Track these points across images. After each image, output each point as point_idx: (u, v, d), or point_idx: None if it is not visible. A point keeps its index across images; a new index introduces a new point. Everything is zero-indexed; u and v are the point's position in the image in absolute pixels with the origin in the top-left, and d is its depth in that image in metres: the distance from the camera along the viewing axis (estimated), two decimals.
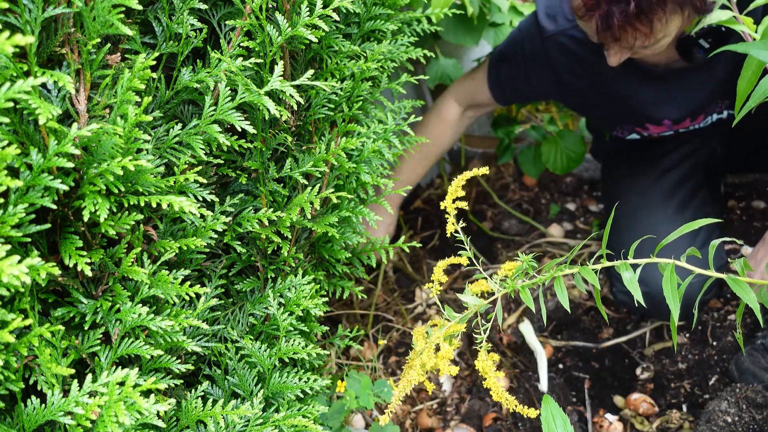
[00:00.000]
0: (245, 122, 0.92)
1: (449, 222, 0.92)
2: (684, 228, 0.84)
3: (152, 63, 0.81)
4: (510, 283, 0.89)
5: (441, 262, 0.94)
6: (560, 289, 0.86)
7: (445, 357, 0.85)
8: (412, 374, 0.85)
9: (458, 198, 0.92)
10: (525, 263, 0.88)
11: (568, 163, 2.04)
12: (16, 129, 0.75)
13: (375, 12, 1.22)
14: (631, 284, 0.84)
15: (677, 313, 0.81)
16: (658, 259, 0.84)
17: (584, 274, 0.86)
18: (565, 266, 0.88)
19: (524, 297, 0.86)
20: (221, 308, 1.10)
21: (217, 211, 1.01)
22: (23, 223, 0.75)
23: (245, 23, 0.96)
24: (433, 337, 0.87)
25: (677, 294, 0.81)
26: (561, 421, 0.95)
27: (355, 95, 1.18)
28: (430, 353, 0.85)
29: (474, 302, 0.89)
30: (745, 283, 0.79)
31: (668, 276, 0.82)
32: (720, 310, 1.70)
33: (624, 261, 0.85)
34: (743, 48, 0.79)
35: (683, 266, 0.83)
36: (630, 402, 1.52)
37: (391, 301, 1.87)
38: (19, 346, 0.74)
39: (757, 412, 1.37)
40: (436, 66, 1.94)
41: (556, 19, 1.55)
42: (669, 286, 0.81)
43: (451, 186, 0.92)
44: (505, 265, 0.92)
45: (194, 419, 0.91)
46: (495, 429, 1.48)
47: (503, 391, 0.86)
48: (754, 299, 0.78)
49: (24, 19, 0.75)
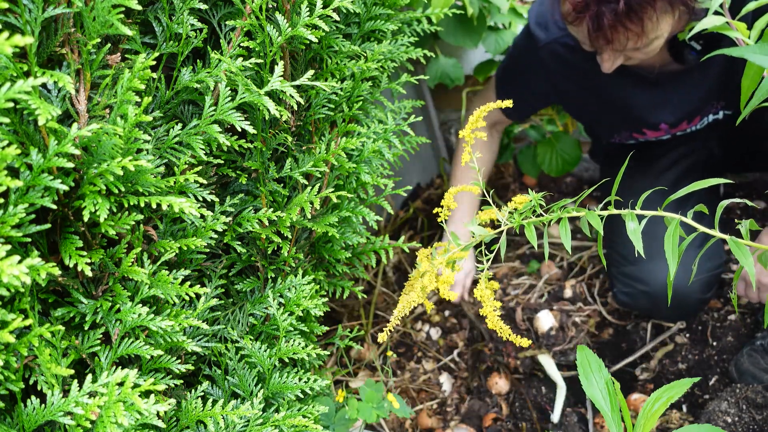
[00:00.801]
0: (245, 122, 0.92)
1: (465, 151, 0.92)
2: (695, 185, 0.84)
3: (152, 63, 0.81)
4: (516, 218, 0.89)
5: (452, 188, 0.94)
6: (564, 230, 0.86)
7: (446, 281, 0.85)
8: (412, 295, 0.85)
9: (477, 129, 0.92)
10: (534, 201, 0.89)
11: (563, 166, 2.05)
12: (17, 129, 0.75)
13: (375, 12, 1.22)
14: (634, 234, 0.84)
15: (675, 269, 0.81)
16: (665, 213, 0.84)
17: (589, 218, 0.86)
18: (571, 208, 0.88)
19: (528, 233, 0.86)
20: (221, 308, 1.10)
21: (217, 211, 1.01)
22: (23, 223, 0.75)
23: (245, 23, 0.96)
24: (437, 260, 0.87)
25: (677, 251, 0.81)
26: (596, 365, 0.96)
27: (355, 95, 1.18)
28: (432, 276, 0.85)
29: (480, 231, 0.89)
30: (745, 246, 0.79)
31: (672, 231, 0.81)
32: (720, 310, 1.70)
33: (630, 210, 0.85)
34: (739, 52, 0.80)
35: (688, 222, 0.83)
36: (630, 402, 1.52)
37: (391, 301, 1.87)
38: (19, 346, 0.74)
39: (757, 412, 1.37)
40: (436, 66, 1.94)
41: (547, 27, 1.55)
42: (671, 242, 0.81)
43: (472, 116, 0.91)
44: (516, 198, 0.92)
45: (194, 419, 0.91)
46: (495, 429, 1.48)
47: (498, 319, 0.86)
48: (751, 263, 0.78)
49: (24, 19, 0.75)
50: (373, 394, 1.24)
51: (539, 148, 2.06)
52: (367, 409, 1.22)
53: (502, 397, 1.58)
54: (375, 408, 1.23)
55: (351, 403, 1.22)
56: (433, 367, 1.70)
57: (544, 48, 1.56)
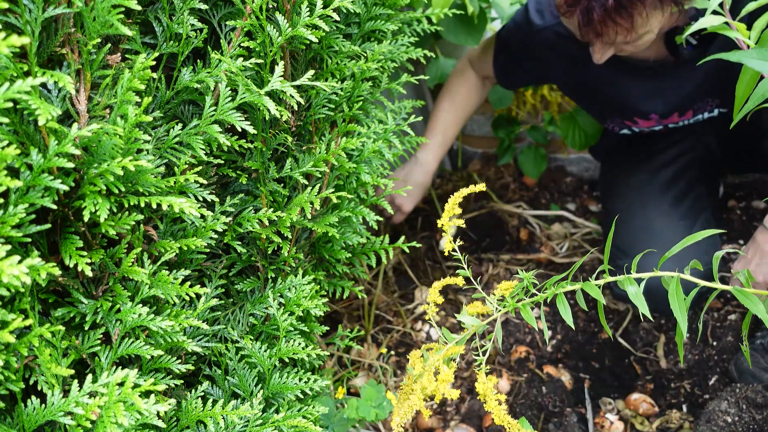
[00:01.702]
0: (245, 122, 0.92)
1: (447, 240, 0.91)
2: (688, 239, 0.84)
3: (152, 63, 0.81)
4: (510, 301, 0.87)
5: (436, 283, 0.93)
6: (563, 307, 0.85)
7: (445, 380, 0.83)
8: (413, 399, 0.83)
9: (455, 216, 0.92)
10: (526, 281, 0.87)
11: (585, 140, 2.04)
12: (17, 129, 0.75)
13: (375, 12, 1.22)
14: (637, 298, 0.83)
15: (685, 326, 0.80)
16: (662, 272, 0.84)
17: (587, 290, 0.85)
18: (566, 282, 0.87)
19: (525, 315, 0.85)
20: (221, 308, 1.10)
21: (217, 211, 1.01)
22: (23, 223, 0.75)
23: (245, 23, 0.96)
24: (432, 360, 0.85)
25: (684, 306, 0.80)
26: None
27: (356, 95, 1.18)
28: (430, 377, 0.83)
29: (472, 323, 0.88)
30: (753, 295, 0.79)
31: (674, 290, 0.81)
32: (720, 310, 1.70)
33: (627, 276, 0.85)
34: (737, 57, 0.79)
35: (687, 279, 0.83)
36: (630, 402, 1.52)
37: (390, 301, 1.87)
38: (19, 346, 0.74)
39: (757, 412, 1.37)
40: (436, 66, 1.94)
41: (543, 14, 1.58)
42: (676, 300, 0.81)
43: (448, 204, 0.91)
44: (501, 285, 0.91)
45: (194, 419, 0.91)
46: (495, 429, 1.48)
47: (505, 414, 0.84)
48: (764, 310, 0.77)
49: (24, 20, 0.75)
50: (373, 393, 1.24)
51: (561, 123, 2.06)
52: (366, 408, 1.22)
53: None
54: (374, 407, 1.23)
55: (350, 402, 1.22)
56: None
57: (539, 33, 1.58)
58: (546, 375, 1.60)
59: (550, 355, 1.69)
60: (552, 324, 1.76)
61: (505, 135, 2.17)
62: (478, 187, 0.93)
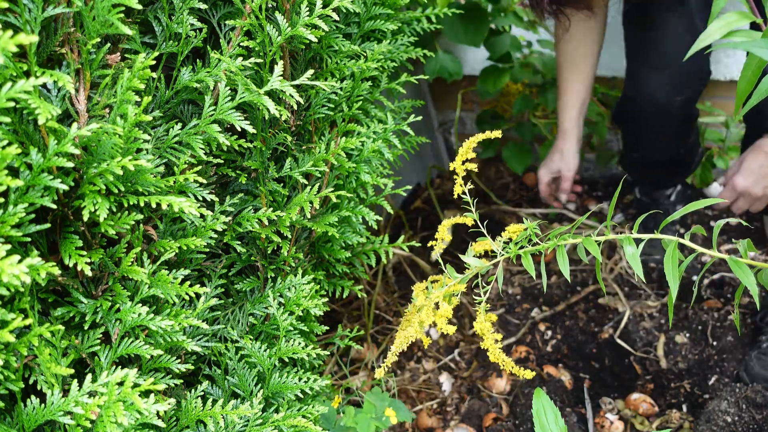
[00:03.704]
0: (245, 122, 0.92)
1: (458, 183, 0.91)
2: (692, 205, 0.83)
3: (152, 63, 0.81)
4: (513, 248, 0.88)
5: (446, 221, 0.94)
6: (562, 258, 0.85)
7: (444, 315, 0.84)
8: (409, 330, 0.84)
9: (468, 160, 0.92)
10: (529, 229, 0.88)
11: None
12: (16, 129, 0.75)
13: (375, 12, 1.22)
14: (633, 259, 0.83)
15: (676, 290, 0.80)
16: (661, 235, 0.83)
17: (587, 245, 0.85)
18: (568, 235, 0.87)
19: (525, 262, 0.85)
20: (221, 308, 1.10)
21: (216, 210, 1.01)
22: (23, 222, 0.75)
23: (245, 23, 0.96)
24: (433, 294, 0.86)
25: (678, 272, 0.80)
26: (552, 415, 0.95)
27: (355, 95, 1.18)
28: (429, 310, 0.84)
29: (476, 263, 0.88)
30: (746, 266, 0.78)
31: (671, 253, 0.81)
32: (720, 310, 1.70)
33: (628, 235, 0.84)
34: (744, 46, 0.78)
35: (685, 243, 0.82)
36: (630, 402, 1.52)
37: (390, 301, 1.87)
38: (19, 345, 0.74)
39: (757, 412, 1.37)
40: (435, 60, 1.94)
41: None
42: (670, 264, 0.80)
43: (462, 147, 0.92)
44: (510, 227, 0.91)
45: (194, 419, 0.91)
46: (495, 429, 1.48)
47: (500, 352, 0.85)
48: (754, 282, 0.77)
49: (24, 19, 0.75)
50: (372, 406, 1.23)
51: (541, 151, 2.06)
52: (365, 422, 1.21)
53: (502, 397, 1.58)
54: (374, 419, 1.22)
55: (348, 410, 1.21)
56: (433, 367, 1.70)
57: None
58: (546, 375, 1.60)
59: (550, 355, 1.69)
60: (552, 324, 1.76)
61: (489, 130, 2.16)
62: (494, 133, 0.93)
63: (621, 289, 1.81)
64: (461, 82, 2.23)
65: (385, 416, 1.23)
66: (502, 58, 1.99)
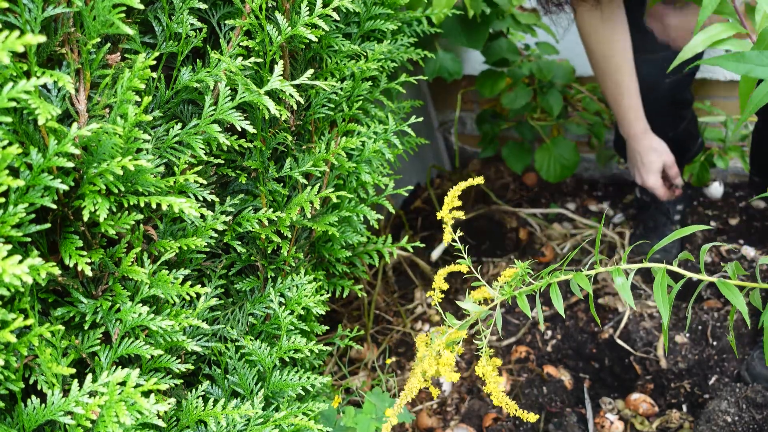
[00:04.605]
0: (245, 122, 0.92)
1: (446, 231, 0.92)
2: (677, 233, 0.84)
3: (152, 62, 0.81)
4: (507, 290, 0.90)
5: (441, 270, 0.95)
6: (555, 296, 0.87)
7: (447, 364, 0.86)
8: (413, 381, 0.86)
9: (455, 208, 0.92)
10: (521, 270, 0.89)
11: (561, 171, 2.04)
12: (17, 129, 0.75)
13: (375, 12, 1.22)
14: (623, 289, 0.84)
15: (667, 316, 0.81)
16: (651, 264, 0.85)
17: (578, 281, 0.87)
18: (560, 273, 0.89)
19: (521, 303, 0.87)
20: (221, 308, 1.10)
21: (217, 210, 1.01)
22: (23, 222, 0.75)
23: (245, 23, 0.96)
24: (435, 344, 0.88)
25: (668, 300, 0.81)
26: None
27: (355, 95, 1.18)
28: (431, 360, 0.86)
29: (474, 309, 0.90)
30: (734, 287, 0.79)
31: (659, 281, 0.82)
32: (720, 310, 1.70)
33: (617, 267, 0.85)
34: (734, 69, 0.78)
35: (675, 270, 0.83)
36: (630, 402, 1.52)
37: (390, 301, 1.87)
38: (19, 345, 0.74)
39: (757, 412, 1.37)
40: (435, 59, 1.94)
41: None
42: (660, 291, 0.81)
43: (448, 196, 0.92)
44: (505, 272, 0.93)
45: (195, 419, 0.91)
46: (495, 429, 1.48)
47: (504, 395, 0.86)
48: (743, 302, 0.78)
49: (24, 19, 0.75)
50: (372, 406, 1.23)
51: (537, 154, 2.06)
52: (365, 422, 1.21)
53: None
54: (374, 419, 1.22)
55: (348, 411, 1.21)
56: None
57: None
58: (546, 375, 1.60)
59: (550, 355, 1.69)
60: (552, 324, 1.76)
61: (489, 129, 2.16)
62: (477, 180, 0.94)
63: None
64: (461, 81, 2.23)
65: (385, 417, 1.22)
66: (498, 63, 1.99)
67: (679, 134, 1.75)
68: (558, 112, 1.98)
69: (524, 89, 2.00)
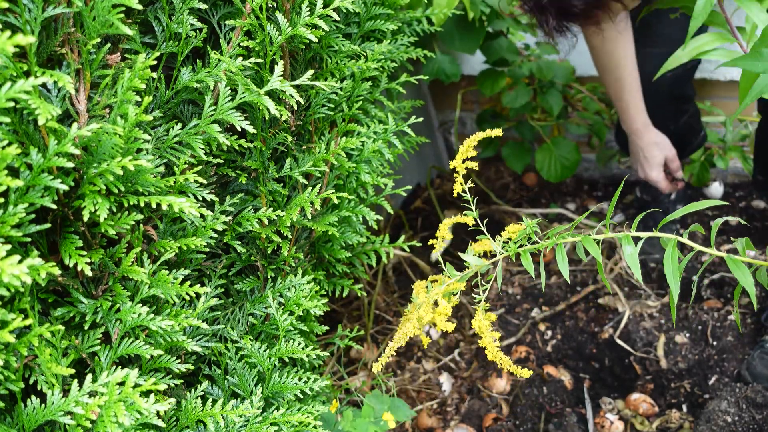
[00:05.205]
0: (245, 122, 0.92)
1: (458, 182, 0.92)
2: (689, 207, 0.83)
3: (152, 63, 0.81)
4: (512, 246, 0.88)
5: (447, 220, 0.94)
6: (561, 257, 0.85)
7: (443, 313, 0.84)
8: (408, 326, 0.85)
9: (468, 159, 0.92)
10: (528, 228, 0.88)
11: (562, 171, 2.04)
12: (16, 129, 0.75)
13: (375, 12, 1.22)
14: (631, 259, 0.83)
15: (677, 289, 0.80)
16: (660, 234, 0.83)
17: (585, 244, 0.85)
18: (567, 234, 0.87)
19: (524, 261, 0.85)
20: (221, 308, 1.10)
21: (217, 210, 1.01)
22: (23, 222, 0.75)
23: (245, 23, 0.96)
24: (433, 292, 0.86)
25: (678, 271, 0.80)
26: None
27: (355, 95, 1.18)
28: (428, 308, 0.85)
29: (475, 262, 0.88)
30: (743, 264, 0.78)
31: (670, 252, 0.81)
32: (720, 310, 1.70)
33: (626, 233, 0.84)
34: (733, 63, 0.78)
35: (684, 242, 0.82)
36: (630, 402, 1.52)
37: (390, 301, 1.87)
38: (19, 345, 0.74)
39: (757, 412, 1.37)
40: (433, 61, 1.94)
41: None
42: (670, 263, 0.80)
43: (463, 145, 0.92)
44: (509, 227, 0.91)
45: (194, 419, 0.91)
46: (495, 429, 1.48)
47: (498, 350, 0.85)
48: (751, 281, 0.77)
49: (24, 19, 0.75)
50: (371, 409, 1.22)
51: (537, 154, 2.06)
52: (363, 426, 1.20)
53: (502, 397, 1.58)
54: (372, 423, 1.22)
55: (346, 414, 1.21)
56: (433, 367, 1.70)
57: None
58: (546, 375, 1.60)
59: (550, 355, 1.69)
60: (552, 324, 1.76)
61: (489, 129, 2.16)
62: (495, 131, 0.93)
63: (621, 289, 1.81)
64: (461, 81, 2.23)
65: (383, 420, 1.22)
66: (498, 62, 1.99)
67: (681, 128, 1.75)
68: (558, 111, 1.98)
69: (524, 89, 1.99)
